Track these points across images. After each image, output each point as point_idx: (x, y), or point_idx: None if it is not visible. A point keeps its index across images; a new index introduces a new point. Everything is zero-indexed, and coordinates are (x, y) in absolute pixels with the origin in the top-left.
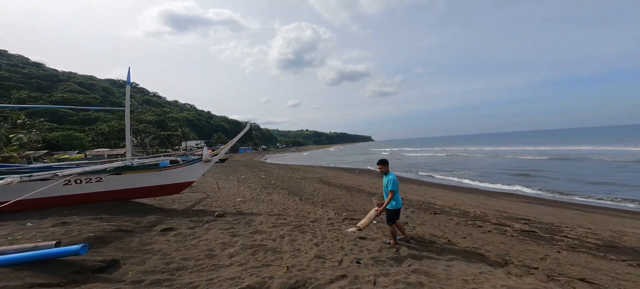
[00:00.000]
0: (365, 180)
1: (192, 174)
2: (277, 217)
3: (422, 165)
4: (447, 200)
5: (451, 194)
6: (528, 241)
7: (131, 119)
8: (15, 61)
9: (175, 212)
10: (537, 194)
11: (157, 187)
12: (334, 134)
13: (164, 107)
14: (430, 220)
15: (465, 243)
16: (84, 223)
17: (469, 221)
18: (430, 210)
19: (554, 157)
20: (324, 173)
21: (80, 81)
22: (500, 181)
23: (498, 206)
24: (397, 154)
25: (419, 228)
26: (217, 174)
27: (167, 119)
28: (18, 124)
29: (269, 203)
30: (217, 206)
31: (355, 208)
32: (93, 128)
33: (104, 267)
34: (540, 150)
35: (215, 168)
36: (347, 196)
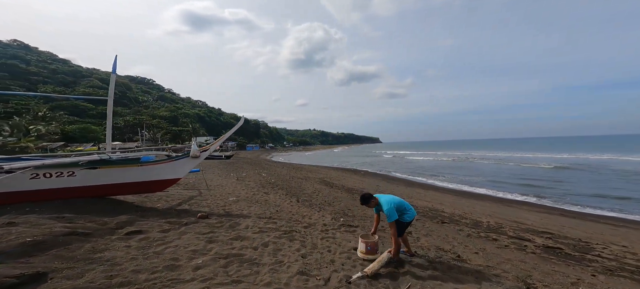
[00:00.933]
0: (370, 182)
1: (178, 170)
2: (266, 220)
3: (430, 169)
4: (456, 207)
5: (461, 200)
6: (554, 260)
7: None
8: (44, 58)
9: (154, 211)
10: (556, 205)
11: (136, 184)
12: (341, 135)
13: (177, 103)
14: (436, 230)
15: (477, 259)
16: (35, 223)
17: (481, 232)
18: (438, 218)
19: (575, 166)
20: (327, 174)
21: (101, 77)
22: (515, 189)
23: (514, 216)
24: (404, 157)
25: (423, 239)
26: (218, 171)
27: (180, 115)
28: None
29: (263, 204)
30: (206, 205)
31: (354, 213)
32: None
33: (17, 284)
34: (561, 158)
35: (219, 164)
36: (348, 199)
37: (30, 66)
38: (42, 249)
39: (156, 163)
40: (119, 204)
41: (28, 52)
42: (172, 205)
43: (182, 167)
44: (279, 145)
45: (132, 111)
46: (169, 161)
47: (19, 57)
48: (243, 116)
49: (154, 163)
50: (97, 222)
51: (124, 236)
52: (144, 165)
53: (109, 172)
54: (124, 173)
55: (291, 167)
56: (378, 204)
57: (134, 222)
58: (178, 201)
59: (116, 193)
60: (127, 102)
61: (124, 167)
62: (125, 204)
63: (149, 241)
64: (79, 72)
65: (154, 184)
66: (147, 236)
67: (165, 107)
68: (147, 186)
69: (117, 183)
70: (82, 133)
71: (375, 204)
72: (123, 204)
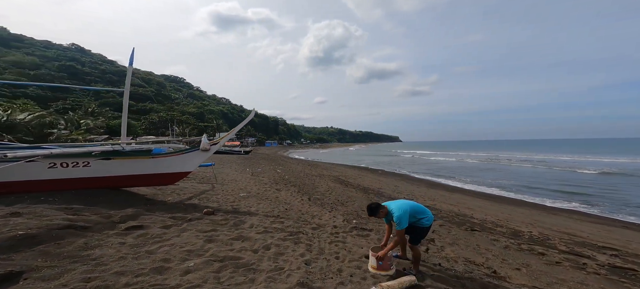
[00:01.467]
0: (388, 182)
1: (188, 163)
2: (273, 219)
3: (455, 170)
4: (488, 213)
5: (493, 205)
6: (627, 284)
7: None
8: (96, 59)
9: (162, 205)
10: (613, 215)
11: (147, 176)
12: (358, 133)
13: (204, 100)
14: (465, 239)
15: (520, 277)
16: (38, 215)
17: (523, 244)
18: (466, 225)
19: (627, 171)
20: (342, 172)
21: (141, 76)
22: (557, 196)
23: (563, 225)
24: (425, 157)
25: (449, 248)
26: (235, 166)
27: (206, 112)
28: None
29: (273, 201)
30: (215, 201)
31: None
32: (146, 118)
33: None
34: (608, 162)
35: (237, 159)
36: (363, 200)
37: (85, 67)
38: (30, 244)
39: (167, 155)
40: (132, 196)
41: (83, 54)
42: (183, 199)
43: (192, 161)
44: (296, 142)
45: (166, 108)
46: (179, 153)
47: (76, 59)
48: (254, 109)
49: (164, 155)
50: (102, 214)
51: (123, 231)
52: (155, 157)
53: (122, 163)
54: (136, 165)
55: (307, 164)
56: (388, 213)
57: (139, 216)
58: (189, 195)
59: (128, 185)
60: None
61: (135, 159)
62: (137, 197)
63: (146, 238)
64: (123, 72)
65: (164, 177)
66: (147, 232)
67: (193, 104)
68: (158, 179)
69: (128, 175)
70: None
71: (385, 214)
72: (135, 197)
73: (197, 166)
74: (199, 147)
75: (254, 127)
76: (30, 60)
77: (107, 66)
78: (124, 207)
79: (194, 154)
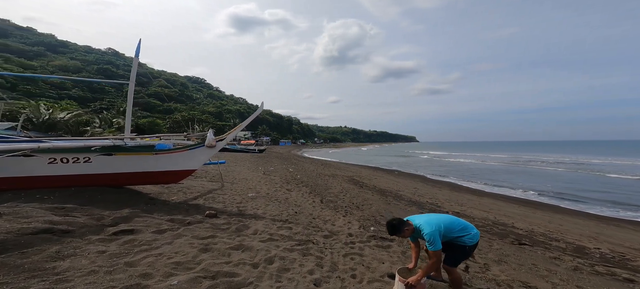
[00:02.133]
0: (406, 184)
1: (192, 160)
2: (281, 224)
3: (480, 172)
4: (532, 222)
5: (534, 212)
6: None
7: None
8: (128, 62)
9: (163, 206)
10: None
11: (149, 174)
12: (373, 132)
13: (222, 100)
14: (514, 255)
15: None
16: (21, 215)
17: (596, 265)
18: (510, 237)
19: None
20: (357, 172)
21: (167, 77)
22: (611, 205)
23: (636, 241)
24: (444, 158)
25: (496, 268)
26: (248, 164)
27: (224, 111)
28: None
29: (282, 203)
30: (221, 201)
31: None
32: (171, 117)
33: None
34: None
35: (251, 158)
36: (381, 203)
37: (119, 69)
38: None
39: (170, 152)
40: (135, 194)
41: (117, 57)
42: (188, 198)
43: (197, 158)
44: (310, 141)
45: (188, 108)
46: (184, 150)
47: (111, 62)
48: (262, 103)
49: (167, 152)
50: (94, 216)
51: (108, 237)
52: (158, 153)
53: (123, 160)
54: (138, 161)
55: (319, 163)
56: (414, 231)
57: (133, 218)
58: (195, 194)
59: (130, 183)
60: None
61: (137, 155)
62: (140, 195)
63: (132, 245)
64: (151, 74)
65: (167, 175)
66: (135, 238)
67: (212, 103)
68: (161, 177)
69: (130, 172)
70: (150, 126)
71: (411, 232)
72: (138, 195)
73: (203, 163)
74: (204, 144)
75: (268, 127)
76: (73, 64)
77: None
78: (121, 208)
79: (199, 151)
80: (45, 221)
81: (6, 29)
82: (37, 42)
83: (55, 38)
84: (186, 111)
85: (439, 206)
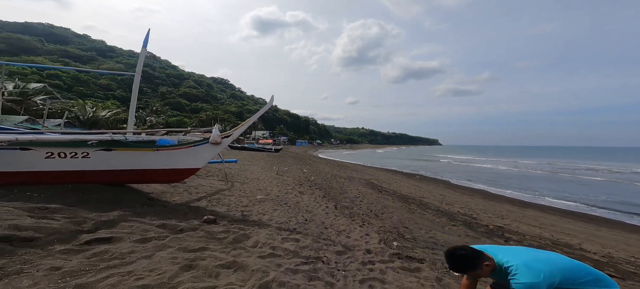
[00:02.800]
0: (430, 190)
1: (196, 158)
2: (287, 235)
3: (514, 179)
4: (604, 243)
5: (600, 230)
6: None
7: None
8: (164, 64)
9: (160, 208)
10: None
11: (149, 172)
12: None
13: (243, 100)
14: None
15: None
16: None
17: None
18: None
19: None
20: (374, 175)
21: (195, 78)
22: None
23: None
24: (473, 163)
25: None
26: (263, 163)
27: (245, 111)
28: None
29: (292, 208)
30: (225, 204)
31: (414, 234)
32: (197, 116)
33: None
34: None
35: (267, 157)
36: (403, 211)
37: (155, 72)
38: None
39: (172, 148)
40: (135, 193)
41: (154, 60)
42: (191, 199)
43: (201, 155)
44: (326, 142)
45: (212, 107)
46: (187, 146)
47: (149, 65)
48: (272, 96)
49: (169, 148)
50: (75, 219)
51: (77, 247)
52: (160, 149)
53: (123, 156)
54: (138, 158)
55: (335, 164)
56: (495, 269)
57: (119, 222)
58: (200, 195)
59: (129, 180)
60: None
61: (138, 151)
62: (139, 195)
63: (101, 259)
64: (182, 75)
65: (168, 174)
66: (109, 249)
67: (234, 103)
68: (161, 175)
69: (129, 169)
70: (178, 124)
71: (491, 270)
72: (138, 195)
73: (207, 161)
74: (208, 140)
75: (286, 127)
76: (118, 67)
77: (172, 71)
78: (112, 209)
79: (203, 148)
80: (10, 226)
81: (67, 37)
82: (90, 47)
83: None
84: (211, 110)
85: (475, 218)
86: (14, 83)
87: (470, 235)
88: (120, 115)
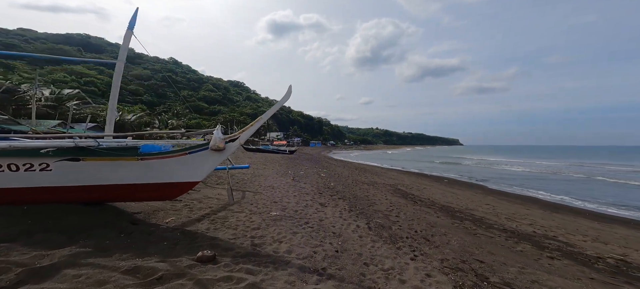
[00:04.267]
0: (470, 197)
1: (192, 169)
2: (316, 281)
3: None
4: None
5: None
6: None
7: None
8: (185, 69)
9: (144, 235)
10: None
11: (131, 188)
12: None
13: (258, 102)
14: None
15: None
16: None
17: None
18: None
19: None
20: (398, 178)
21: (213, 82)
22: None
23: None
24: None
25: None
26: (278, 167)
27: (259, 113)
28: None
29: (315, 230)
30: (232, 225)
31: (502, 275)
32: (215, 118)
33: None
34: None
35: (281, 159)
36: (459, 232)
37: (177, 76)
38: None
39: (160, 156)
40: (116, 213)
41: (177, 66)
42: (188, 220)
43: (200, 165)
44: (340, 143)
45: (229, 110)
46: (180, 154)
47: (172, 71)
48: (290, 86)
49: (157, 156)
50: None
51: None
52: (144, 158)
53: (95, 167)
54: (114, 170)
55: (353, 167)
56: None
57: (63, 269)
58: (202, 212)
59: (104, 199)
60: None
61: (114, 162)
62: (120, 216)
63: None
64: (201, 79)
65: (156, 189)
66: None
67: (250, 105)
68: (146, 192)
69: (102, 186)
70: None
71: None
72: (119, 216)
73: (208, 172)
74: (208, 146)
75: (299, 128)
76: (145, 73)
77: (192, 75)
78: (67, 243)
79: (201, 156)
80: None
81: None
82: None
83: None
84: (228, 112)
85: (568, 243)
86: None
87: (592, 276)
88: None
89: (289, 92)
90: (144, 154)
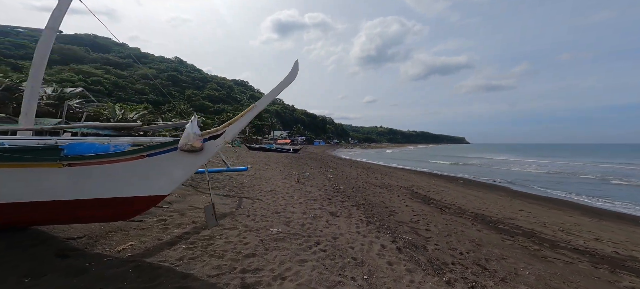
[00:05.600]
0: (496, 201)
1: (155, 178)
2: None
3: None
4: None
5: None
6: None
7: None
8: (190, 69)
9: (66, 283)
10: None
11: (56, 207)
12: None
13: None
14: None
15: None
16: None
17: None
18: None
19: None
20: (410, 179)
21: (217, 81)
22: None
23: None
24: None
25: None
26: (281, 167)
27: (262, 111)
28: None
29: (329, 255)
30: (217, 252)
31: None
32: (219, 117)
33: None
34: None
35: (285, 159)
36: (522, 256)
37: (182, 75)
38: None
39: (100, 161)
40: (42, 242)
41: (182, 65)
42: (153, 246)
43: (165, 171)
44: (344, 141)
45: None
46: (134, 157)
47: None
48: (296, 61)
49: (94, 161)
50: None
51: None
52: (72, 164)
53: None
54: (26, 181)
55: (360, 167)
56: None
57: None
58: (178, 231)
59: (13, 223)
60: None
61: (26, 169)
62: (48, 243)
63: None
64: (205, 78)
65: (99, 208)
66: None
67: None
68: (84, 211)
69: (9, 203)
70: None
71: None
72: (46, 243)
73: (180, 181)
74: (177, 146)
75: (303, 126)
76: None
77: (197, 74)
78: None
79: (166, 159)
80: None
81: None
82: (127, 55)
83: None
84: (231, 111)
85: None
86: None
87: None
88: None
89: (295, 69)
90: (71, 157)
